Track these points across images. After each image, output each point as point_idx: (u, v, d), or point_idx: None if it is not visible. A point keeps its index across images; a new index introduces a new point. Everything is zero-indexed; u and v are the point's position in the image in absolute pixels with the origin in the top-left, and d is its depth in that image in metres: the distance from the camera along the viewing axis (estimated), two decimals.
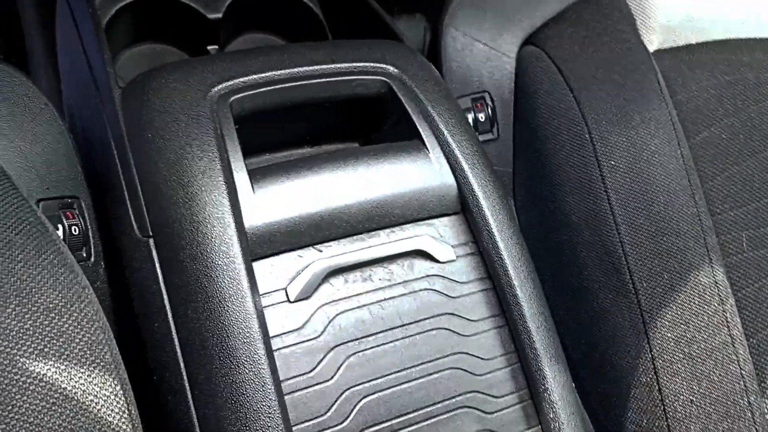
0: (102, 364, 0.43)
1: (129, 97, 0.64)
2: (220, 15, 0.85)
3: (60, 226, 0.61)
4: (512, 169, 0.84)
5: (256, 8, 0.90)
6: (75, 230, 0.62)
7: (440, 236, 0.65)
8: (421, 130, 0.67)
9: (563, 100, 0.76)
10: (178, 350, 0.57)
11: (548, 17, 0.84)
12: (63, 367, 0.41)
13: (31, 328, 0.41)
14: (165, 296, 0.58)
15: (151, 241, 0.59)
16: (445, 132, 0.67)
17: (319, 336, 0.58)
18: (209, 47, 0.87)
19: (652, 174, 0.72)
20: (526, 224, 0.81)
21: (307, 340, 0.58)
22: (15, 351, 0.40)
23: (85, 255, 0.63)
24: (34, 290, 0.43)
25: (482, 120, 0.83)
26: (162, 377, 0.59)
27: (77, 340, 0.43)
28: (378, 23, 0.86)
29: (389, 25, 0.83)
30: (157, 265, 0.58)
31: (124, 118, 0.63)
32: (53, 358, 0.41)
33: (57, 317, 0.43)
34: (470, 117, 0.83)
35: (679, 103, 0.78)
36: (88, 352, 0.43)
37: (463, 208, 0.66)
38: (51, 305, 0.43)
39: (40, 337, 0.41)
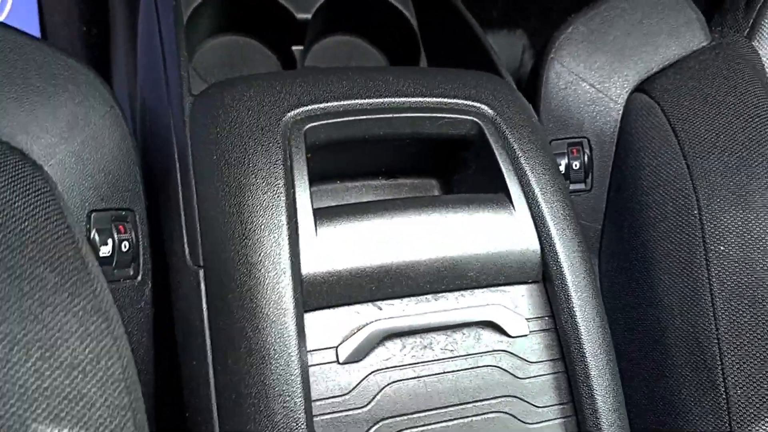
0: None
1: (199, 109, 0.60)
2: (309, 16, 0.81)
3: (110, 240, 0.57)
4: (601, 226, 0.76)
5: (347, 11, 0.85)
6: (125, 246, 0.58)
7: (514, 306, 0.58)
8: (509, 183, 0.60)
9: (673, 166, 0.67)
10: (213, 399, 0.52)
11: (667, 63, 0.75)
12: None
13: (50, 388, 0.37)
14: (207, 336, 0.53)
15: (202, 272, 0.55)
16: (536, 189, 0.60)
17: (366, 406, 0.53)
18: (294, 47, 0.83)
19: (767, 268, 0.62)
20: (608, 290, 0.73)
21: (353, 409, 0.52)
22: (28, 414, 0.35)
23: (132, 273, 0.59)
24: (59, 342, 0.38)
25: (576, 168, 0.75)
26: (194, 419, 0.55)
27: (98, 405, 0.38)
28: (474, 40, 0.79)
29: (487, 49, 0.76)
30: (204, 300, 0.54)
31: (191, 131, 0.59)
32: (68, 425, 0.37)
33: (80, 376, 0.38)
34: (563, 163, 0.75)
35: None
36: (109, 419, 0.38)
37: (544, 277, 0.59)
38: (75, 361, 0.38)
39: (58, 399, 0.37)
